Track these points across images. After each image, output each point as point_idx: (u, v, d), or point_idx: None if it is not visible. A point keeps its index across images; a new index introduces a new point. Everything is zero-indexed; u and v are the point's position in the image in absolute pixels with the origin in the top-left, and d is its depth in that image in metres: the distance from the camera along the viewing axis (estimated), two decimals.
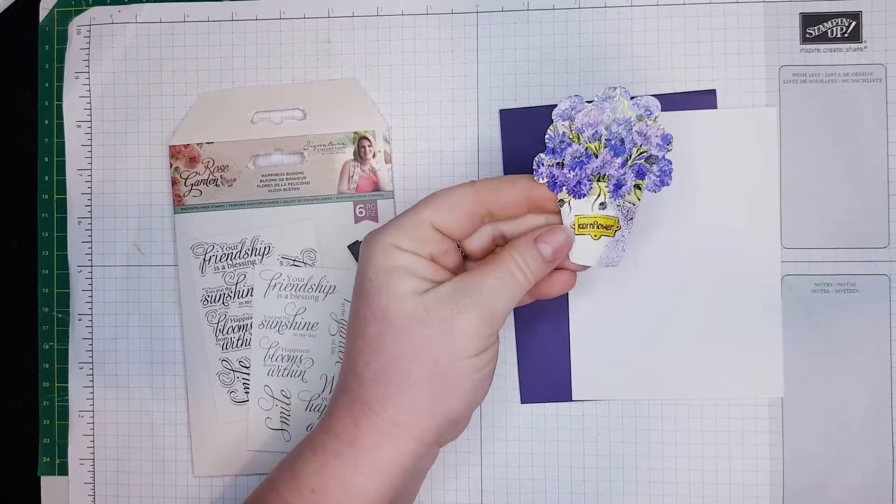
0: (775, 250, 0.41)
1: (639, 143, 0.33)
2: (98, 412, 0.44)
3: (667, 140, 0.33)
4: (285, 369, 0.43)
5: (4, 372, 0.45)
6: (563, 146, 0.34)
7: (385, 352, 0.33)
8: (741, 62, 0.41)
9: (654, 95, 0.34)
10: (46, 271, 0.45)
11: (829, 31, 0.41)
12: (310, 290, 0.43)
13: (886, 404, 0.40)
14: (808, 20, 0.41)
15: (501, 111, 0.42)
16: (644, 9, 0.42)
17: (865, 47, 0.41)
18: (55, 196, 0.45)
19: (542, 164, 0.34)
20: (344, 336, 0.42)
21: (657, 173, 0.33)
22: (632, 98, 0.33)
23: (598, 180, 0.34)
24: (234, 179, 0.43)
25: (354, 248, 0.43)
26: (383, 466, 0.33)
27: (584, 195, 0.34)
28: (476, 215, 0.35)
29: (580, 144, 0.34)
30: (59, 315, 0.45)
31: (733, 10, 0.41)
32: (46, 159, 0.45)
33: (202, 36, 0.44)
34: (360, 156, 0.43)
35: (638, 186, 0.34)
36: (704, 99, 0.41)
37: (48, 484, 0.44)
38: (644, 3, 0.42)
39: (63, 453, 0.44)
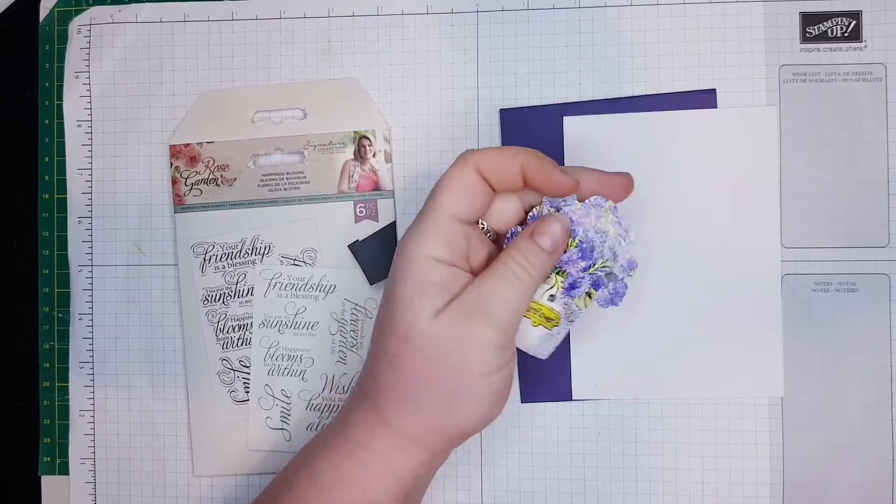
0: (775, 250, 0.41)
1: (606, 258, 0.34)
2: (98, 412, 0.44)
3: (632, 266, 0.35)
4: (285, 369, 0.43)
5: (4, 372, 0.45)
6: None
7: (405, 371, 0.33)
8: (741, 62, 0.41)
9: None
10: (47, 271, 0.45)
11: (829, 30, 0.41)
12: (310, 290, 0.43)
13: (886, 404, 0.40)
14: (808, 19, 0.41)
15: (501, 111, 0.42)
16: (644, 9, 0.42)
17: (865, 47, 0.41)
18: (55, 195, 0.45)
19: (515, 235, 0.35)
20: (344, 336, 0.43)
21: (611, 290, 0.35)
22: (617, 215, 0.35)
23: (558, 273, 0.35)
24: (235, 179, 0.43)
25: (354, 248, 0.43)
26: (397, 472, 0.34)
27: None
28: (488, 193, 0.34)
29: None
30: (60, 315, 0.45)
31: (733, 10, 0.41)
32: (47, 159, 0.45)
33: (202, 36, 0.44)
34: (360, 155, 0.43)
35: (589, 295, 0.35)
36: (704, 98, 0.41)
37: (49, 483, 0.44)
38: (644, 3, 0.42)
39: (64, 453, 0.44)
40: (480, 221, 0.36)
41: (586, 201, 0.35)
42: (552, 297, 0.34)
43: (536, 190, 0.35)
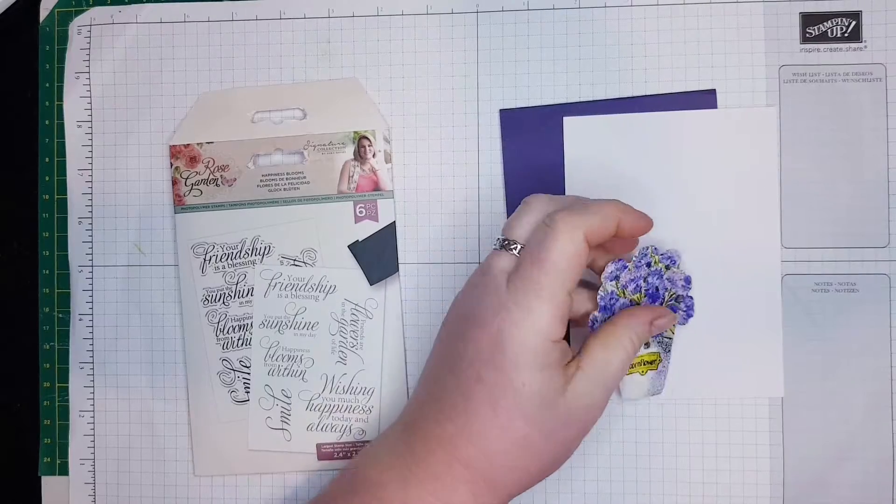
0: (775, 250, 0.41)
1: (669, 288, 0.39)
2: (98, 412, 0.44)
3: (688, 281, 0.39)
4: (285, 369, 0.43)
5: (4, 372, 0.45)
6: (612, 302, 0.37)
7: (531, 452, 0.34)
8: (741, 62, 0.41)
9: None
10: (47, 271, 0.45)
11: (829, 30, 0.41)
12: (310, 290, 0.43)
13: (886, 404, 0.40)
14: (808, 20, 0.41)
15: (501, 111, 0.42)
16: (644, 9, 0.42)
17: (865, 47, 0.41)
18: (56, 196, 0.45)
19: (598, 321, 0.37)
20: (344, 336, 0.43)
21: (684, 309, 0.39)
22: (660, 254, 0.38)
23: None
24: (235, 179, 0.43)
25: (354, 248, 0.43)
26: None
27: None
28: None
29: (625, 298, 0.37)
30: (60, 315, 0.45)
31: (733, 10, 0.41)
32: (47, 159, 0.45)
33: (202, 36, 0.44)
34: (360, 155, 0.43)
35: None
36: (704, 99, 0.41)
37: (49, 484, 0.44)
38: (644, 3, 0.42)
39: (63, 453, 0.44)
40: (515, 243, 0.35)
41: (634, 259, 0.37)
42: (647, 345, 0.39)
43: (620, 237, 0.36)
